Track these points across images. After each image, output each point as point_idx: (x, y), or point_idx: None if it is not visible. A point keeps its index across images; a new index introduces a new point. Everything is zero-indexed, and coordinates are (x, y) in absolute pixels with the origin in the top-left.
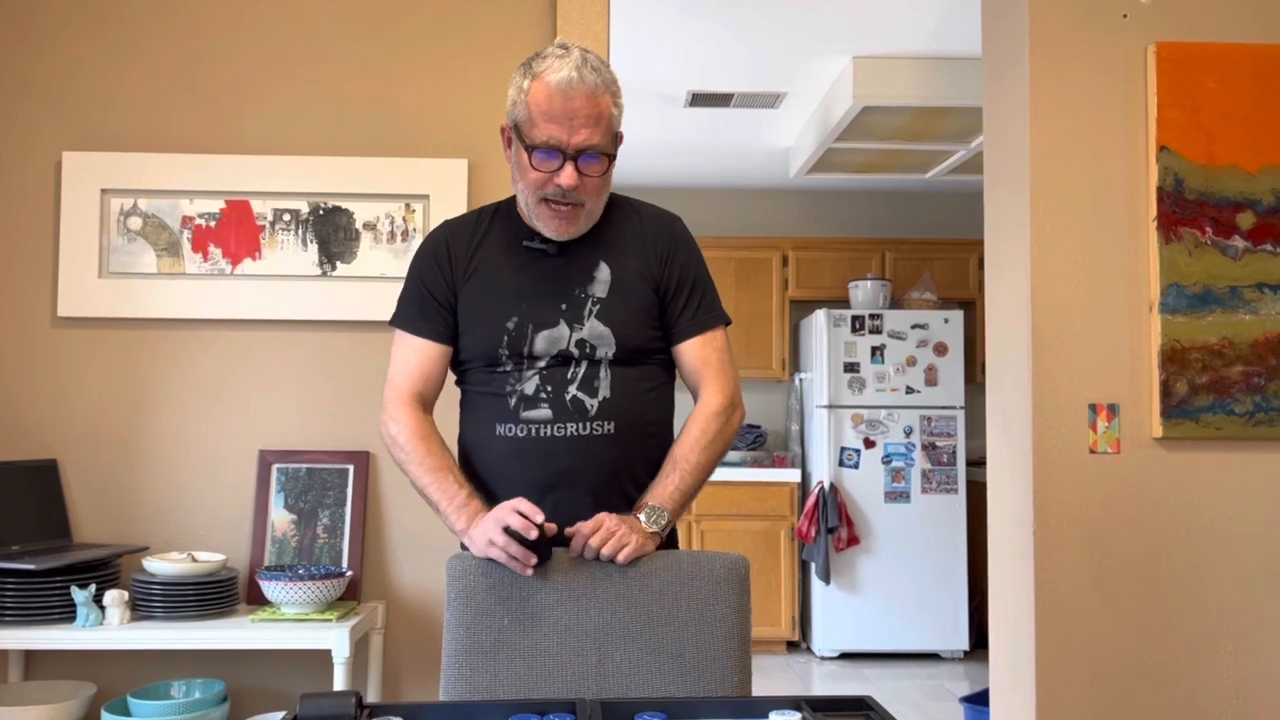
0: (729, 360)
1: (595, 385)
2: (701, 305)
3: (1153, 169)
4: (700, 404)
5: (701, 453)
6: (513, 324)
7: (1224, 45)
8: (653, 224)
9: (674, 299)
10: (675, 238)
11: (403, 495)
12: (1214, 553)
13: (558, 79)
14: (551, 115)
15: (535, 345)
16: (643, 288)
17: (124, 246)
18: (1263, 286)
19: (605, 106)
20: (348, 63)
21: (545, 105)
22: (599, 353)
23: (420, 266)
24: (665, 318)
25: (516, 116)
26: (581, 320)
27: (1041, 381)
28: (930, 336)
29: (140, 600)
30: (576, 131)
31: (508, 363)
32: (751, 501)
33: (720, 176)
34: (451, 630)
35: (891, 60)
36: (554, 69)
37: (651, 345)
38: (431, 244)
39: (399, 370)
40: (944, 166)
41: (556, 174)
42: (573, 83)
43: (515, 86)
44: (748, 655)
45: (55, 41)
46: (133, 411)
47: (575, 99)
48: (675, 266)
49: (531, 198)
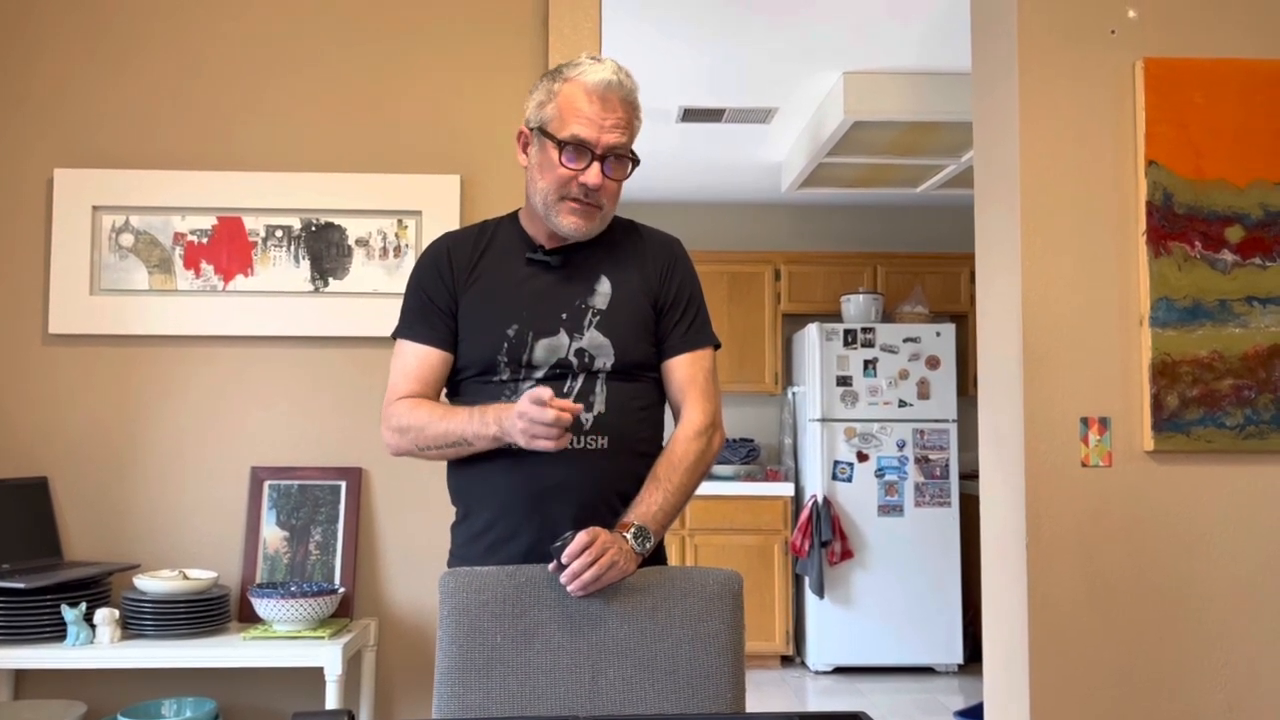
0: (714, 382)
1: (591, 400)
2: (694, 324)
3: (1142, 183)
4: (683, 423)
5: (685, 474)
6: (513, 331)
7: (1211, 60)
8: (653, 242)
9: (669, 314)
10: (675, 256)
11: (395, 512)
12: (1206, 565)
13: (597, 79)
14: (587, 114)
15: (535, 353)
16: (642, 302)
17: (115, 263)
18: (1252, 300)
19: (634, 115)
20: (340, 79)
21: (582, 104)
22: (597, 364)
23: (421, 275)
24: (658, 332)
25: (543, 117)
26: (581, 330)
27: (1033, 395)
28: (922, 350)
29: (131, 618)
30: (608, 132)
31: (504, 371)
32: (745, 515)
33: (712, 191)
34: (444, 647)
35: (882, 76)
36: (592, 71)
37: (647, 361)
38: (433, 253)
39: (398, 377)
40: (935, 181)
41: (583, 173)
42: (611, 85)
43: (542, 90)
44: (741, 671)
45: (47, 58)
46: (124, 429)
47: (611, 99)
48: (673, 283)
49: (552, 195)
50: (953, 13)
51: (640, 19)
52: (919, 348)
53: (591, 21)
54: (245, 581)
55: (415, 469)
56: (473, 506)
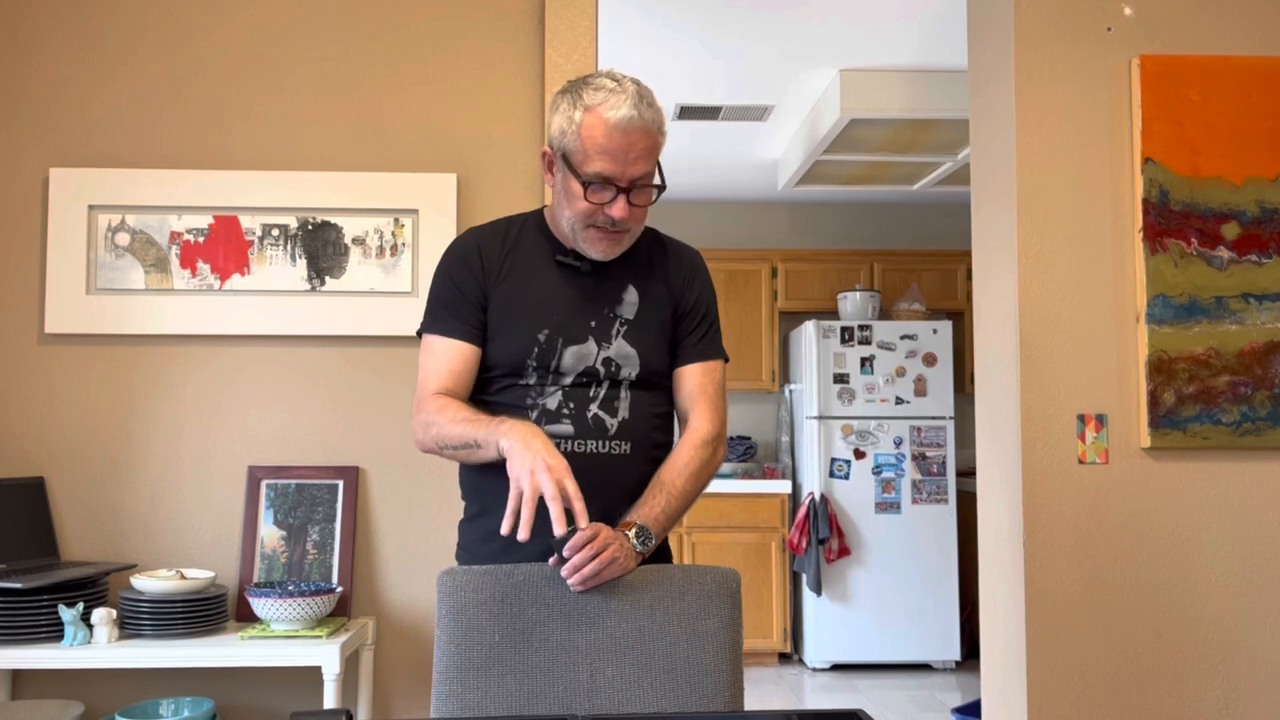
0: (723, 395)
1: (615, 406)
2: (708, 335)
3: (1138, 181)
4: (691, 430)
5: (689, 480)
6: (544, 336)
7: (1207, 58)
8: (675, 252)
9: (685, 322)
10: (696, 268)
11: (393, 510)
12: (1203, 562)
13: (618, 117)
14: (609, 151)
15: (563, 360)
16: (665, 313)
17: (112, 263)
18: (1248, 297)
19: (657, 140)
20: (336, 78)
21: (603, 141)
22: (622, 373)
23: (450, 268)
24: (674, 339)
25: (565, 146)
26: (609, 339)
27: (1030, 392)
28: (919, 347)
29: (128, 618)
30: (632, 165)
31: (532, 375)
32: (742, 513)
33: (709, 189)
34: (442, 646)
35: (878, 73)
36: (612, 105)
37: (666, 370)
38: (462, 247)
39: (428, 373)
40: (931, 178)
41: (609, 206)
42: (632, 121)
43: (564, 115)
44: (739, 669)
45: (42, 57)
46: (120, 428)
47: (633, 134)
48: (693, 293)
49: (579, 224)
50: (949, 10)
51: (637, 17)
52: (916, 345)
53: (588, 19)
54: (243, 581)
55: (412, 468)
56: (489, 504)
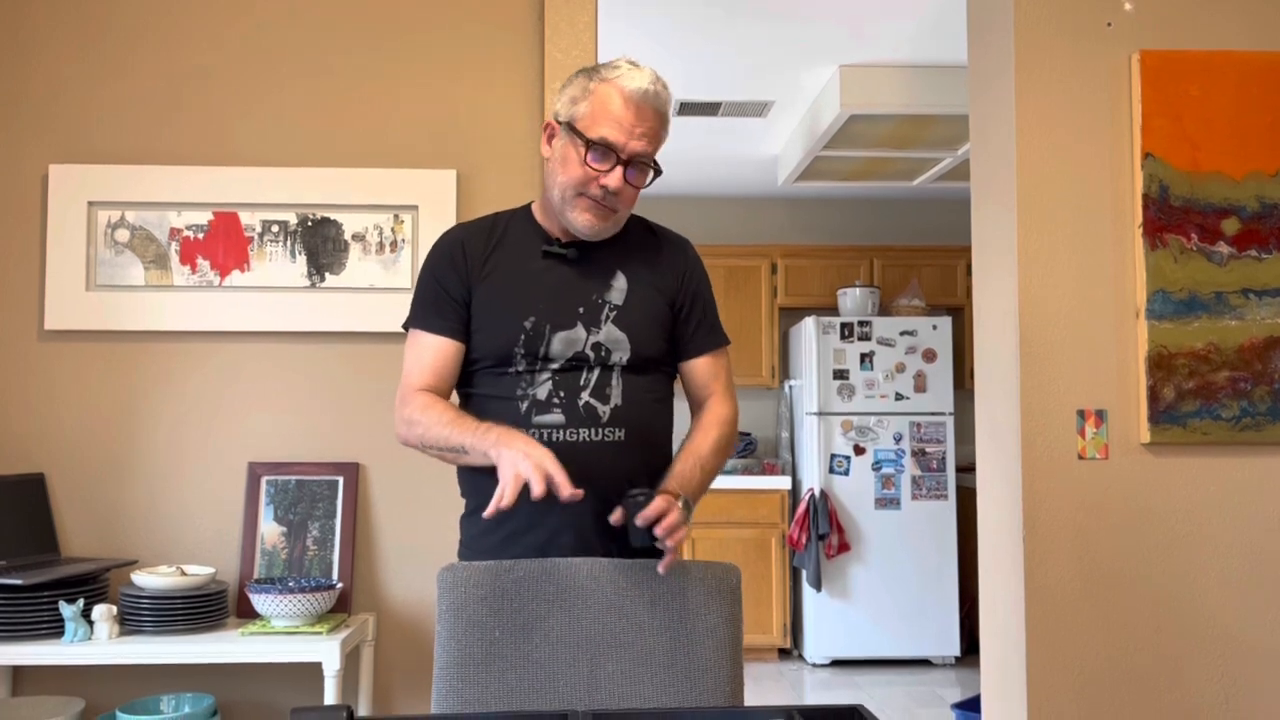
0: (731, 378)
1: (607, 392)
2: (710, 324)
3: (1138, 176)
4: (710, 410)
5: (716, 455)
6: (530, 323)
7: (1207, 53)
8: (668, 242)
9: (688, 316)
10: (690, 259)
11: (393, 506)
12: (1202, 557)
13: (635, 86)
14: (618, 119)
15: (552, 347)
16: (657, 299)
17: (111, 259)
18: (1248, 292)
19: (663, 126)
20: (336, 74)
21: (615, 109)
22: (613, 358)
23: (435, 265)
24: (675, 333)
25: (574, 113)
26: (599, 324)
27: (1029, 388)
28: (919, 343)
29: (129, 614)
30: (637, 139)
31: (520, 363)
32: (742, 509)
33: (709, 185)
34: (443, 642)
35: (878, 69)
36: (630, 77)
37: (661, 355)
38: (447, 243)
39: (412, 369)
40: (931, 174)
41: (605, 175)
42: (648, 95)
43: (577, 86)
44: (739, 664)
45: (42, 54)
46: (121, 424)
47: (645, 109)
48: (690, 285)
49: (571, 190)
50: (949, 6)
51: (636, 13)
52: (916, 341)
53: (588, 15)
54: (243, 577)
55: (412, 464)
56: (486, 499)
